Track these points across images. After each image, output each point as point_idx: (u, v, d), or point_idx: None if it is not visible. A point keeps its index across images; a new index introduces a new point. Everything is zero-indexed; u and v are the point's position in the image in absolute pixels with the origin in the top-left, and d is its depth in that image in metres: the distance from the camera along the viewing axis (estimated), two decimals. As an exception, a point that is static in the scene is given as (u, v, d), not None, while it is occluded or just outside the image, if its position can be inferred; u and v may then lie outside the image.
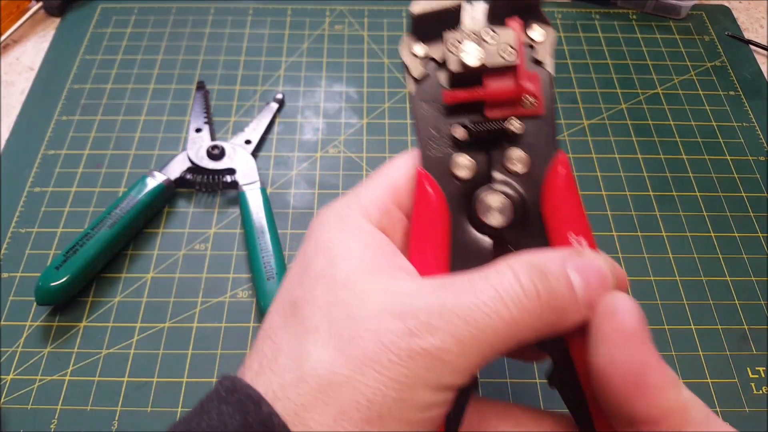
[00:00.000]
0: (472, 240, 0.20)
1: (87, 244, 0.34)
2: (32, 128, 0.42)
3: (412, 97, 0.22)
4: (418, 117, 0.21)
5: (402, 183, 0.21)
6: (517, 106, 0.21)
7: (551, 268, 0.17)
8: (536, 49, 0.21)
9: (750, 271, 0.36)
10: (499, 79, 0.20)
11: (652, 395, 0.16)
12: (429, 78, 0.22)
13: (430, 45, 0.21)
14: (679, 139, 0.42)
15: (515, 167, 0.21)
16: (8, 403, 0.31)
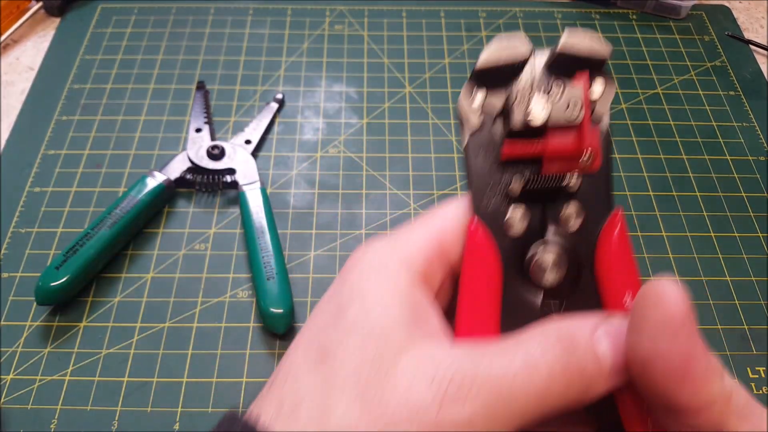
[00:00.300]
0: (524, 297, 0.20)
1: (87, 244, 0.34)
2: (32, 128, 0.42)
3: (466, 146, 0.21)
4: (471, 167, 0.21)
5: (450, 233, 0.20)
6: (575, 162, 0.20)
7: (580, 338, 0.17)
8: (596, 104, 0.20)
9: (750, 271, 0.36)
10: (562, 135, 0.20)
11: (697, 385, 0.16)
12: (484, 128, 0.21)
13: (490, 92, 0.20)
14: (679, 139, 0.42)
15: (570, 223, 0.20)
16: (8, 403, 0.31)
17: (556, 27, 0.49)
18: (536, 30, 0.49)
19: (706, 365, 0.16)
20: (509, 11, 0.50)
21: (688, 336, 0.16)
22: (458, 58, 0.47)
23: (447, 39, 0.48)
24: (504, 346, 0.17)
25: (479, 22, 0.49)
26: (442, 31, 0.49)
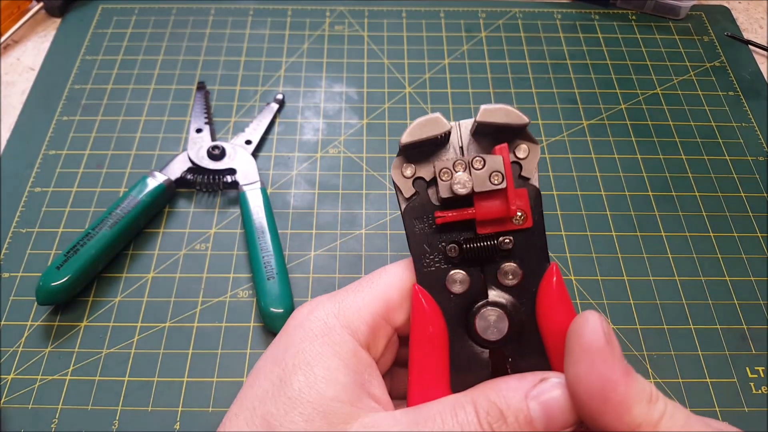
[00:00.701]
0: (471, 354, 0.21)
1: (88, 244, 0.34)
2: (33, 128, 0.42)
3: (404, 214, 0.22)
4: (410, 234, 0.22)
5: (395, 295, 0.21)
6: (507, 222, 0.21)
7: (511, 403, 0.18)
8: (522, 166, 0.22)
9: (749, 271, 0.36)
10: (489, 200, 0.21)
11: (617, 411, 0.16)
12: (419, 196, 0.22)
13: (419, 165, 0.22)
14: (679, 140, 0.42)
15: (508, 281, 0.21)
16: (9, 403, 0.31)
17: (556, 27, 0.49)
18: (536, 30, 0.49)
19: (627, 390, 0.16)
20: (509, 12, 0.50)
21: (605, 361, 0.17)
22: (458, 58, 0.47)
23: (447, 39, 0.48)
24: (440, 412, 0.18)
25: (479, 22, 0.50)
26: (442, 32, 0.49)
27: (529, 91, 0.45)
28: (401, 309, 0.21)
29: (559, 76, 0.46)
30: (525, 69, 0.46)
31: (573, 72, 0.46)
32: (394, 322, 0.21)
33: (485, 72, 0.46)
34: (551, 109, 0.44)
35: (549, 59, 0.47)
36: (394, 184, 0.23)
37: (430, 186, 0.22)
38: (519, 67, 0.46)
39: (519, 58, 0.47)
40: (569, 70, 0.46)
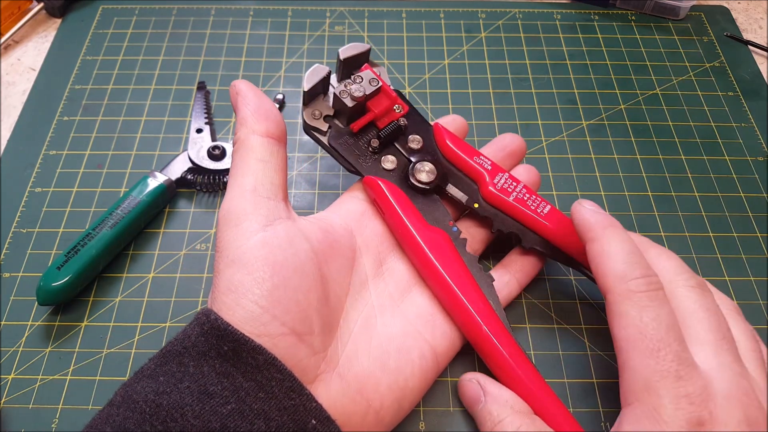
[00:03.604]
0: (420, 196, 0.32)
1: (88, 244, 0.34)
2: (33, 129, 0.43)
3: (328, 145, 0.32)
4: (342, 152, 0.32)
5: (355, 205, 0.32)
6: (393, 113, 0.33)
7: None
8: (382, 78, 0.33)
9: (749, 271, 0.36)
10: (376, 101, 0.33)
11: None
12: (331, 129, 0.33)
13: (320, 106, 0.33)
14: (678, 140, 0.43)
15: (415, 146, 0.33)
16: (9, 403, 0.31)
17: (556, 28, 0.49)
18: (536, 31, 0.49)
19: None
20: (509, 12, 0.50)
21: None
22: (458, 59, 0.47)
23: (447, 40, 0.48)
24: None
25: (479, 23, 0.50)
26: (442, 32, 0.49)
27: (528, 91, 0.45)
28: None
29: (558, 77, 0.46)
30: (525, 69, 0.46)
31: (572, 72, 0.46)
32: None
33: (485, 72, 0.46)
34: (551, 109, 0.44)
35: (548, 59, 0.47)
36: (310, 127, 0.32)
37: (333, 119, 0.33)
38: (519, 68, 0.47)
39: (519, 58, 0.47)
40: (569, 70, 0.47)
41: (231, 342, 0.22)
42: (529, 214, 0.32)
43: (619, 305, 0.24)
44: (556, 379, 0.32)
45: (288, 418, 0.21)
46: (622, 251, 0.25)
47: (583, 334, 0.34)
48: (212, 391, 0.21)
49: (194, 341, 0.23)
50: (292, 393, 0.22)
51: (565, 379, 0.32)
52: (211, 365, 0.22)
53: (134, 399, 0.22)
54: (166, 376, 0.22)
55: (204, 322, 0.23)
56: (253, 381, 0.22)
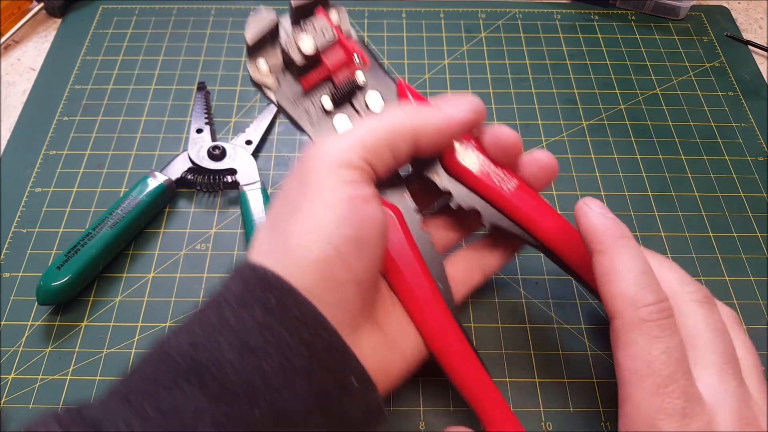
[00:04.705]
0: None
1: (88, 244, 0.34)
2: (33, 128, 0.43)
3: (278, 101, 0.28)
4: (291, 112, 0.28)
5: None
6: (352, 66, 0.28)
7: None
8: (341, 26, 0.28)
9: (749, 271, 0.36)
10: (332, 54, 0.28)
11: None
12: (281, 85, 0.28)
13: (267, 57, 0.28)
14: (678, 140, 0.43)
15: (374, 105, 0.28)
16: (9, 403, 0.31)
17: (556, 28, 0.49)
18: (536, 31, 0.49)
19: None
20: (508, 12, 0.50)
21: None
22: (458, 59, 0.47)
23: (447, 40, 0.48)
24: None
25: (479, 23, 0.50)
26: (442, 32, 0.49)
27: (528, 91, 0.45)
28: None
29: (558, 77, 0.46)
30: (525, 69, 0.46)
31: (572, 72, 0.46)
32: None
33: (485, 72, 0.46)
34: (551, 109, 0.44)
35: (548, 59, 0.47)
36: (256, 84, 0.28)
37: (283, 73, 0.28)
38: (519, 68, 0.47)
39: (519, 58, 0.47)
40: (569, 70, 0.47)
41: (278, 294, 0.21)
42: (492, 188, 0.28)
43: (628, 333, 0.22)
44: (556, 379, 0.32)
45: (329, 376, 0.21)
46: (635, 270, 0.23)
47: (583, 334, 0.34)
48: (253, 345, 0.20)
49: (236, 294, 0.21)
50: (335, 351, 0.21)
51: (565, 379, 0.32)
52: (252, 317, 0.21)
53: (167, 351, 0.20)
54: (203, 327, 0.21)
55: (248, 276, 0.22)
56: (297, 336, 0.21)
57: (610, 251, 0.24)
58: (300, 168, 0.24)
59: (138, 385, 0.20)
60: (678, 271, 0.26)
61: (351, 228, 0.22)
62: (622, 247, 0.24)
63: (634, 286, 0.23)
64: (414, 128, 0.25)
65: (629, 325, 0.22)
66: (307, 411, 0.20)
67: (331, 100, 0.28)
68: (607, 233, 0.24)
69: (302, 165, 0.24)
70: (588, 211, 0.25)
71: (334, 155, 0.24)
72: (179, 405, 0.19)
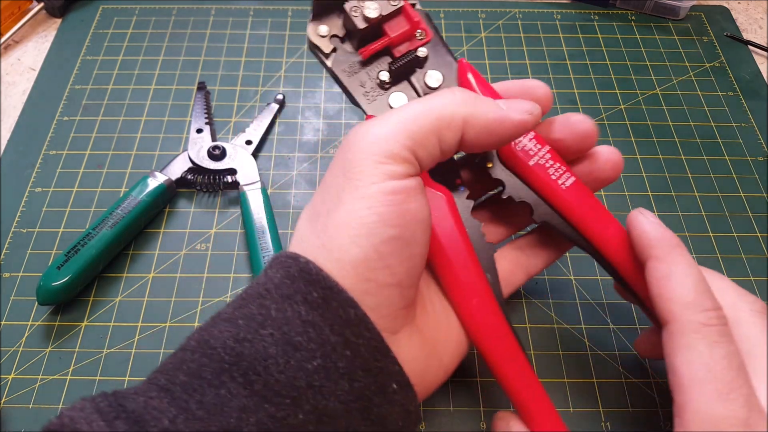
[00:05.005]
0: None
1: (88, 244, 0.34)
2: (34, 129, 0.43)
3: (332, 69, 0.27)
4: (345, 81, 0.27)
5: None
6: (414, 40, 0.27)
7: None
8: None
9: (749, 271, 0.36)
10: (395, 24, 0.26)
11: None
12: (337, 51, 0.27)
13: (330, 23, 0.27)
14: (678, 140, 0.43)
15: (433, 82, 0.27)
16: (9, 403, 0.31)
17: (556, 28, 0.49)
18: (536, 31, 0.49)
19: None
20: (509, 12, 0.50)
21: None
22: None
23: (447, 40, 0.48)
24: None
25: (479, 23, 0.50)
26: (442, 32, 0.49)
27: (528, 91, 0.45)
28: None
29: (558, 77, 0.46)
30: (525, 69, 0.46)
31: (572, 72, 0.46)
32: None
33: (485, 72, 0.46)
34: (551, 109, 0.44)
35: (548, 59, 0.47)
36: (313, 45, 0.27)
37: (343, 41, 0.27)
38: (519, 68, 0.47)
39: (519, 58, 0.47)
40: (569, 70, 0.47)
41: (321, 289, 0.20)
42: (547, 183, 0.27)
43: (686, 337, 0.22)
44: (556, 379, 0.32)
45: (371, 380, 0.20)
46: (692, 277, 0.23)
47: (583, 334, 0.34)
48: (297, 342, 0.20)
49: (277, 283, 0.21)
50: (377, 354, 0.21)
51: (565, 379, 0.32)
52: (295, 311, 0.20)
53: (211, 344, 0.20)
54: (245, 319, 0.20)
55: (290, 265, 0.21)
56: (341, 336, 0.20)
57: (668, 258, 0.24)
58: (342, 155, 0.23)
59: (181, 378, 0.19)
60: (731, 282, 0.26)
61: (393, 227, 0.22)
62: (680, 255, 0.24)
63: (693, 291, 0.23)
64: (464, 119, 0.23)
65: (688, 329, 0.22)
66: (348, 414, 0.20)
67: (389, 74, 0.27)
68: (665, 241, 0.24)
69: (344, 151, 0.23)
70: (644, 220, 0.25)
71: (377, 144, 0.22)
72: (224, 403, 0.19)
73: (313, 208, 0.24)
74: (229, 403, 0.19)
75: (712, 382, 0.21)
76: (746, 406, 0.21)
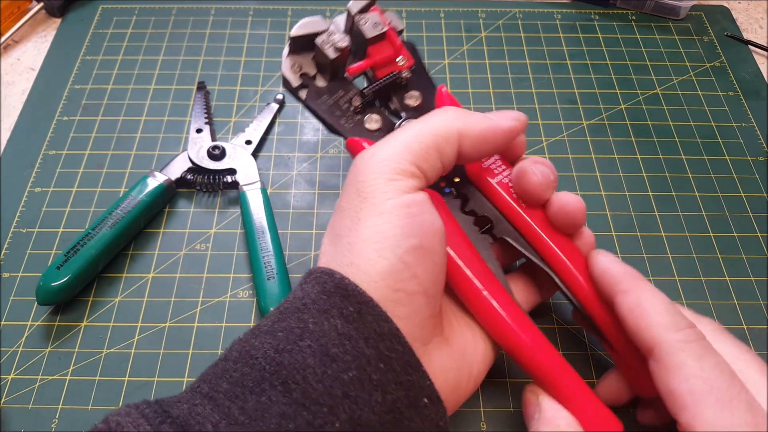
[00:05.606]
0: None
1: (88, 244, 0.34)
2: (33, 128, 0.42)
3: (306, 100, 0.29)
4: (319, 110, 0.29)
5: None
6: (394, 65, 0.29)
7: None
8: (391, 25, 0.30)
9: (749, 271, 0.36)
10: (379, 46, 0.29)
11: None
12: (309, 87, 0.30)
13: (301, 62, 0.30)
14: (678, 140, 0.42)
15: (413, 102, 0.29)
16: (9, 403, 0.31)
17: (556, 27, 0.49)
18: (536, 31, 0.49)
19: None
20: (509, 12, 0.50)
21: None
22: (458, 58, 0.47)
23: (447, 39, 0.48)
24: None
25: (479, 23, 0.50)
26: (442, 32, 0.49)
27: (529, 91, 0.45)
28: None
29: (558, 76, 0.46)
30: (525, 69, 0.46)
31: (573, 72, 0.46)
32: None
33: (485, 72, 0.46)
34: (551, 109, 0.44)
35: (549, 59, 0.47)
36: (287, 81, 0.29)
37: (314, 78, 0.30)
38: (519, 67, 0.47)
39: (519, 58, 0.47)
40: (569, 70, 0.46)
41: (356, 304, 0.21)
42: (509, 201, 0.28)
43: (674, 357, 0.22)
44: (557, 380, 0.32)
45: (404, 394, 0.21)
46: (662, 302, 0.24)
47: (583, 334, 0.34)
48: (334, 354, 0.21)
49: (314, 298, 0.22)
50: (409, 368, 0.21)
51: (565, 380, 0.32)
52: (331, 324, 0.21)
53: (253, 355, 0.21)
54: (285, 332, 0.21)
55: (326, 281, 0.22)
56: (375, 349, 0.21)
57: (635, 290, 0.25)
58: (354, 178, 0.25)
59: (224, 386, 0.20)
60: (678, 306, 0.26)
61: (414, 237, 0.23)
62: (645, 286, 0.25)
63: (667, 315, 0.24)
64: (459, 132, 0.25)
65: (674, 349, 0.23)
66: (382, 426, 0.20)
67: (360, 100, 0.29)
68: (627, 275, 0.25)
69: (355, 175, 0.25)
70: (604, 260, 0.26)
71: (385, 164, 0.24)
72: (265, 409, 0.19)
73: (334, 230, 0.25)
74: (269, 409, 0.19)
75: (711, 393, 0.21)
76: (750, 411, 0.21)
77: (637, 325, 0.24)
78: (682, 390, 0.22)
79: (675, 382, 0.22)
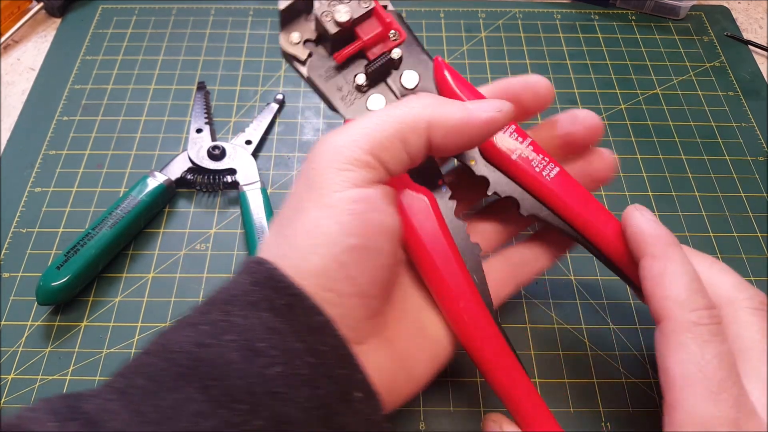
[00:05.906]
0: None
1: (88, 244, 0.34)
2: (33, 128, 0.42)
3: (308, 76, 0.27)
4: (322, 87, 0.27)
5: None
6: (388, 42, 0.27)
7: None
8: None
9: (749, 271, 0.36)
10: (367, 26, 0.26)
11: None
12: (312, 57, 0.27)
13: (301, 29, 0.27)
14: (678, 140, 0.42)
15: (409, 83, 0.27)
16: (9, 403, 0.31)
17: (556, 27, 0.49)
18: (536, 31, 0.49)
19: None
20: (509, 12, 0.50)
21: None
22: (458, 58, 0.47)
23: (447, 39, 0.48)
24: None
25: (479, 22, 0.50)
26: (442, 32, 0.49)
27: (529, 91, 0.45)
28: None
29: (558, 76, 0.46)
30: (525, 69, 0.46)
31: (573, 72, 0.46)
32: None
33: (485, 72, 0.46)
34: (551, 109, 0.44)
35: (549, 59, 0.47)
36: (287, 55, 0.27)
37: (317, 44, 0.27)
38: (519, 67, 0.47)
39: (519, 58, 0.47)
40: (569, 70, 0.46)
41: (287, 296, 0.20)
42: (532, 175, 0.26)
43: (678, 336, 0.22)
44: (556, 379, 0.32)
45: (334, 388, 0.20)
46: (686, 276, 0.23)
47: (584, 334, 0.34)
48: (259, 348, 0.19)
49: (244, 290, 0.21)
50: (342, 361, 0.21)
51: (565, 379, 0.32)
52: (259, 317, 0.20)
53: (172, 349, 0.20)
54: (209, 325, 0.20)
55: (256, 271, 0.21)
56: (304, 343, 0.20)
57: (663, 256, 0.24)
58: (307, 165, 0.23)
59: (139, 382, 0.19)
60: (732, 274, 0.25)
61: (354, 236, 0.21)
62: (674, 254, 0.24)
63: (686, 290, 0.23)
64: (429, 122, 0.23)
65: (680, 328, 0.22)
66: (308, 422, 0.20)
67: (365, 77, 0.27)
68: (660, 239, 0.24)
69: (308, 162, 0.23)
70: (640, 216, 0.25)
71: (340, 151, 0.22)
72: (179, 407, 0.19)
73: (279, 218, 0.23)
74: (184, 407, 0.18)
75: (702, 381, 0.21)
76: (735, 407, 0.21)
77: (653, 294, 0.23)
78: (675, 371, 0.22)
79: (671, 360, 0.22)
